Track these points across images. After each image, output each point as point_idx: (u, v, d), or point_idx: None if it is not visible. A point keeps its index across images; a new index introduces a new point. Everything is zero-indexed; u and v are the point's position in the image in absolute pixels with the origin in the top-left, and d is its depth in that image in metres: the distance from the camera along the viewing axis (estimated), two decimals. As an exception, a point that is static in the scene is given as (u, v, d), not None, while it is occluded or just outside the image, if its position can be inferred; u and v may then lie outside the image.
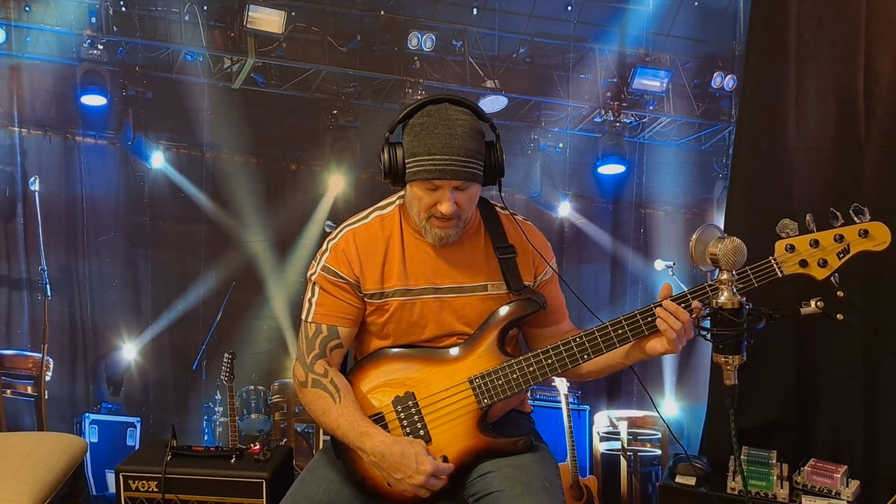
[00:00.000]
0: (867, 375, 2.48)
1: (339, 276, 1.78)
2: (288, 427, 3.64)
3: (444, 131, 1.63)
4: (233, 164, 3.96)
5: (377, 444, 1.67)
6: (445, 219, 1.69)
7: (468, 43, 4.05)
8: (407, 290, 1.78)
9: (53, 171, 3.83)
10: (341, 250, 1.79)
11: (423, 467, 1.64)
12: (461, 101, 1.70)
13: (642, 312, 1.68)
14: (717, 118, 4.27)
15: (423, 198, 1.69)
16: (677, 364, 3.91)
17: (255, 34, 3.74)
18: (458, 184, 1.66)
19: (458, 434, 1.74)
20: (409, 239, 1.80)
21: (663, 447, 3.46)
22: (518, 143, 4.42)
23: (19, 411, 3.64)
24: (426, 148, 1.64)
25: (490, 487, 1.69)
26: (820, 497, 2.33)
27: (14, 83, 3.73)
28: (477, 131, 1.67)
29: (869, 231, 1.62)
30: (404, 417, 1.76)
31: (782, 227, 1.64)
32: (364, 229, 1.82)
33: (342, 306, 1.79)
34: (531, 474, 1.69)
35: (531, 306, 1.79)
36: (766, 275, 1.64)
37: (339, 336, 1.80)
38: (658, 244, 4.13)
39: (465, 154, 1.63)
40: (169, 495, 2.35)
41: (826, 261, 1.64)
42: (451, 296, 1.80)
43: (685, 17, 4.12)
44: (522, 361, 1.74)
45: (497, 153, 1.72)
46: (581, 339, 1.71)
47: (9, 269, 3.74)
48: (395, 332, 1.82)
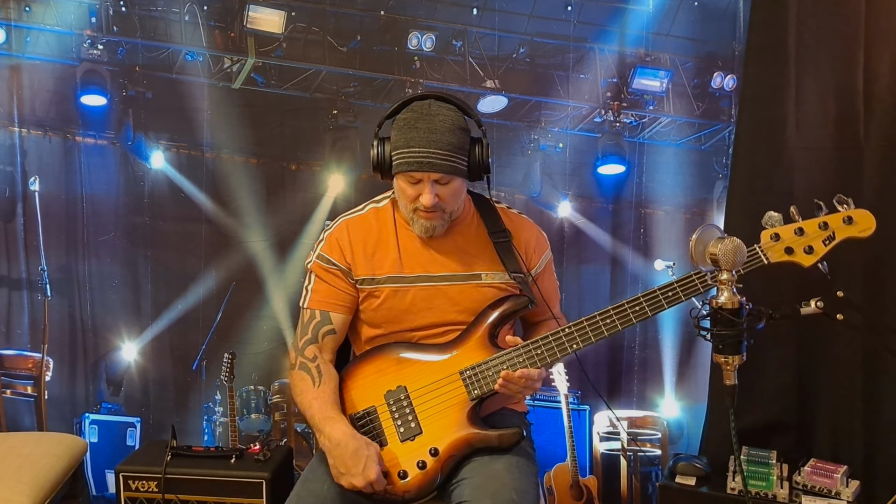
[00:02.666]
0: (867, 375, 2.48)
1: (331, 263, 1.83)
2: (288, 427, 3.64)
3: (425, 125, 1.68)
4: (233, 164, 3.96)
5: (335, 433, 1.68)
6: (429, 211, 1.72)
7: (468, 43, 4.05)
8: (400, 278, 1.82)
9: (53, 171, 3.83)
10: (335, 238, 1.85)
11: (368, 472, 1.64)
12: (447, 98, 1.74)
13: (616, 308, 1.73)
14: (717, 118, 4.26)
15: (406, 190, 1.74)
16: (677, 364, 3.91)
17: (255, 34, 3.74)
18: (438, 177, 1.70)
19: (449, 425, 1.76)
20: (402, 230, 1.85)
21: (663, 447, 3.46)
22: (518, 143, 4.42)
23: (19, 411, 3.64)
24: (407, 141, 1.69)
25: (461, 497, 1.69)
26: (820, 497, 2.33)
27: (14, 83, 3.73)
28: (459, 127, 1.71)
29: (853, 218, 1.65)
30: (396, 410, 1.78)
31: (767, 218, 1.67)
32: (358, 219, 1.89)
33: (335, 293, 1.84)
34: (500, 484, 1.68)
35: (521, 302, 1.82)
36: (752, 262, 1.66)
37: (331, 322, 1.84)
38: (658, 244, 4.13)
39: (443, 147, 1.67)
40: (169, 495, 2.35)
41: (812, 247, 1.66)
42: (445, 284, 1.82)
43: (685, 17, 4.12)
44: (512, 353, 1.76)
45: (482, 149, 1.74)
46: (570, 328, 1.75)
47: (9, 269, 3.74)
48: (386, 319, 1.84)
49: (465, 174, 1.74)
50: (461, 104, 1.74)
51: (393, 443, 1.76)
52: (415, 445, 1.75)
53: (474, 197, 1.90)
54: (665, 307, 1.72)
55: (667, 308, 1.72)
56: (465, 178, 1.75)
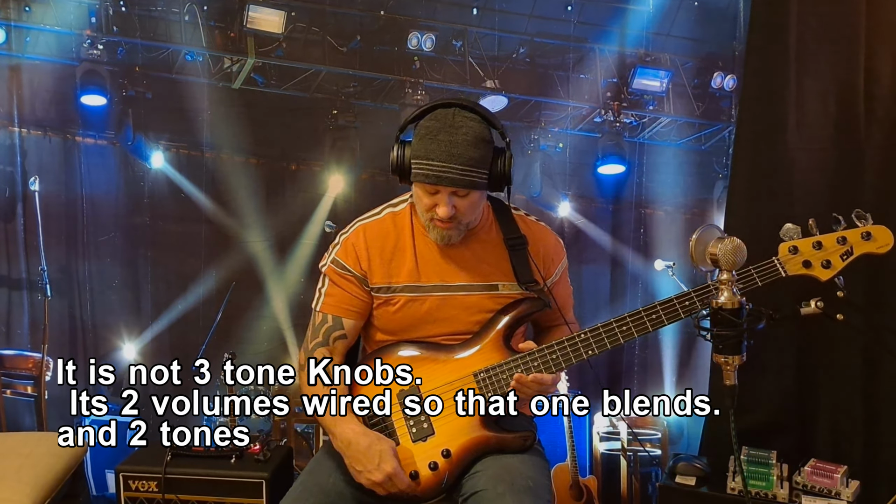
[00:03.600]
0: (867, 375, 2.48)
1: (346, 269, 1.80)
2: (288, 427, 3.64)
3: (446, 138, 1.63)
4: (233, 164, 3.96)
5: (346, 431, 1.68)
6: (445, 221, 1.70)
7: (468, 43, 4.05)
8: (417, 287, 1.80)
9: (53, 171, 3.83)
10: (351, 244, 1.81)
11: (384, 466, 1.64)
12: (472, 107, 1.69)
13: (632, 315, 1.70)
14: (717, 118, 4.27)
15: (423, 198, 1.71)
16: (677, 364, 3.92)
17: (255, 34, 3.74)
18: (457, 190, 1.67)
19: (461, 428, 1.75)
20: (420, 236, 1.82)
21: (663, 447, 3.46)
22: (518, 143, 4.42)
23: (19, 411, 3.63)
24: (426, 152, 1.65)
25: (475, 487, 1.69)
26: (820, 497, 2.33)
27: (14, 83, 3.73)
28: (482, 139, 1.66)
29: (872, 234, 1.64)
30: (408, 410, 1.77)
31: (785, 231, 1.66)
32: (376, 224, 1.83)
33: (349, 298, 1.81)
34: (515, 474, 1.69)
35: (537, 305, 1.80)
36: (770, 275, 1.65)
37: (343, 327, 1.82)
38: (658, 244, 4.14)
39: (463, 162, 1.63)
40: (169, 495, 2.34)
41: (830, 262, 1.65)
42: (462, 294, 1.80)
43: (685, 17, 4.12)
44: (527, 356, 1.74)
45: (505, 160, 1.70)
46: (586, 334, 1.73)
47: (9, 269, 3.74)
48: (401, 327, 1.83)
49: (485, 187, 1.70)
50: (486, 114, 1.69)
51: (405, 443, 1.75)
52: (427, 446, 1.74)
53: (493, 203, 1.86)
54: (682, 316, 1.69)
55: (684, 318, 1.69)
56: (484, 190, 1.71)
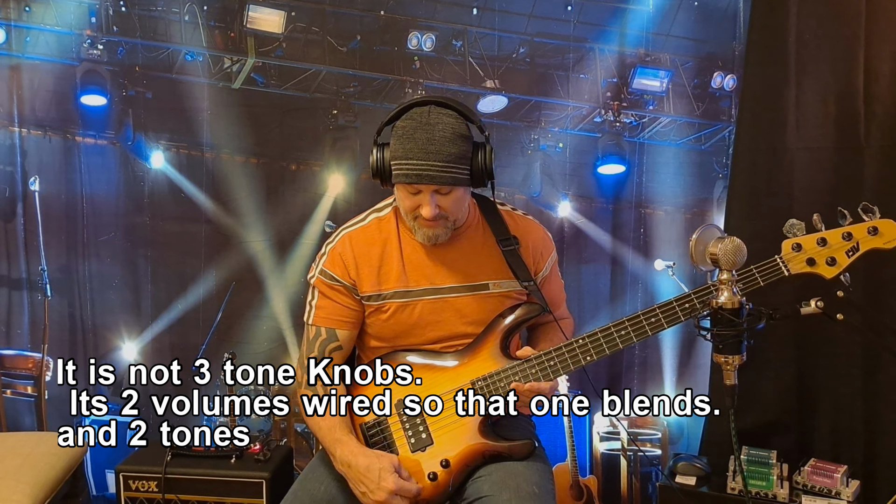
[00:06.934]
0: (867, 375, 2.48)
1: (335, 280, 1.78)
2: (288, 427, 3.64)
3: (423, 136, 1.61)
4: (233, 164, 3.96)
5: (345, 454, 1.68)
6: (431, 220, 1.68)
7: (468, 43, 4.05)
8: (406, 292, 1.78)
9: (53, 171, 3.83)
10: (337, 254, 1.78)
11: (385, 484, 1.62)
12: (447, 104, 1.66)
13: (631, 319, 1.68)
14: (717, 118, 4.26)
15: (405, 200, 1.69)
16: (677, 364, 3.91)
17: (255, 34, 3.74)
18: (438, 188, 1.64)
19: (460, 436, 1.73)
20: (406, 240, 1.79)
21: (663, 447, 3.46)
22: (518, 143, 4.42)
23: (19, 411, 3.63)
24: (405, 152, 1.62)
25: (479, 492, 1.68)
26: (820, 497, 2.33)
27: (14, 83, 3.73)
28: (460, 135, 1.63)
29: (878, 228, 1.60)
30: (406, 420, 1.76)
31: (789, 227, 1.63)
32: (361, 232, 1.81)
33: (340, 309, 1.79)
34: (520, 479, 1.68)
35: (533, 310, 1.79)
36: (772, 274, 1.63)
37: (337, 339, 1.80)
38: (658, 244, 4.13)
39: (442, 159, 1.60)
40: (169, 495, 2.35)
41: (835, 259, 1.61)
42: (452, 296, 1.79)
43: (685, 17, 4.12)
44: (525, 364, 1.73)
45: (485, 154, 1.67)
46: (584, 340, 1.71)
47: (9, 269, 3.74)
48: (395, 333, 1.81)
49: (467, 182, 1.68)
50: (463, 109, 1.67)
51: (403, 453, 1.74)
52: (426, 456, 1.73)
53: (479, 200, 1.84)
54: (682, 319, 1.66)
55: (684, 320, 1.67)
56: (467, 186, 1.69)
